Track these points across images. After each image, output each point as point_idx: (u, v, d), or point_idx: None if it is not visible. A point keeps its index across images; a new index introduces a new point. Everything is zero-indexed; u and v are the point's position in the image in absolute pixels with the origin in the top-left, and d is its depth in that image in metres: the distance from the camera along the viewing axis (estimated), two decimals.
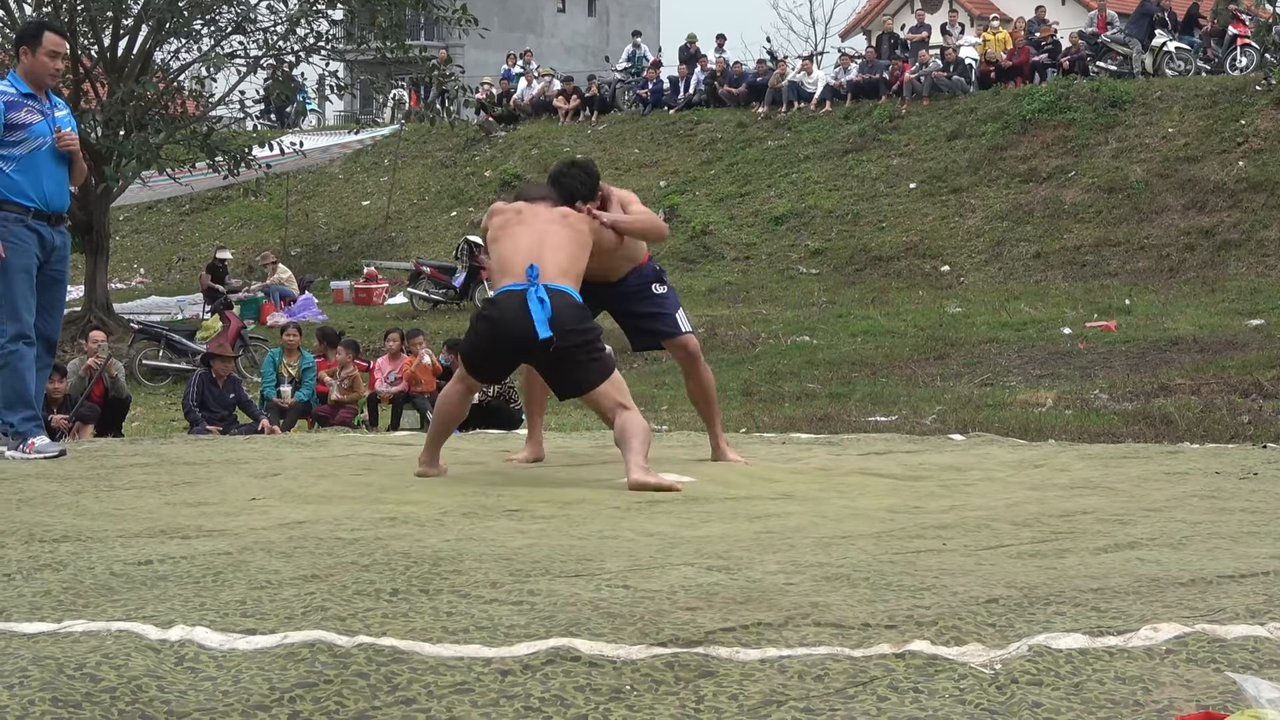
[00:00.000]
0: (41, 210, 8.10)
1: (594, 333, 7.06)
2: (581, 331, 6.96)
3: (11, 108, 8.04)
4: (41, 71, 8.25)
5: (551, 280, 6.96)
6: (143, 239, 37.27)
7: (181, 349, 20.23)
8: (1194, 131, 27.33)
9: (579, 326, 6.95)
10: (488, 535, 5.13)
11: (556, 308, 6.86)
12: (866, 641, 3.49)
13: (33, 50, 8.20)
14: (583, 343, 6.97)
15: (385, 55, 25.76)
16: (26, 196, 8.03)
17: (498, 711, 3.08)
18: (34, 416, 8.13)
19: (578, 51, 55.02)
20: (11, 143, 8.02)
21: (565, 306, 6.91)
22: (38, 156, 8.12)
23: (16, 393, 8.02)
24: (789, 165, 30.92)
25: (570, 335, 6.89)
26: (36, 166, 8.11)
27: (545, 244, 7.14)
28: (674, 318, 7.96)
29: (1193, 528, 5.35)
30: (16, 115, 8.05)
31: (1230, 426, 13.20)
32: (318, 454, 8.20)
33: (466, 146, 36.15)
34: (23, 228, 7.99)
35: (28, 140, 8.08)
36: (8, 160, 8.00)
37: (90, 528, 5.18)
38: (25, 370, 8.09)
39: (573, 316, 6.92)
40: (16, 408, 8.01)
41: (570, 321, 6.90)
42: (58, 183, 8.24)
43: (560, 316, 6.86)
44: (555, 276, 6.99)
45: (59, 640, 3.50)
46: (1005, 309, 22.40)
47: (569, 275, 7.07)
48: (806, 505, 6.19)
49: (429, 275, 26.78)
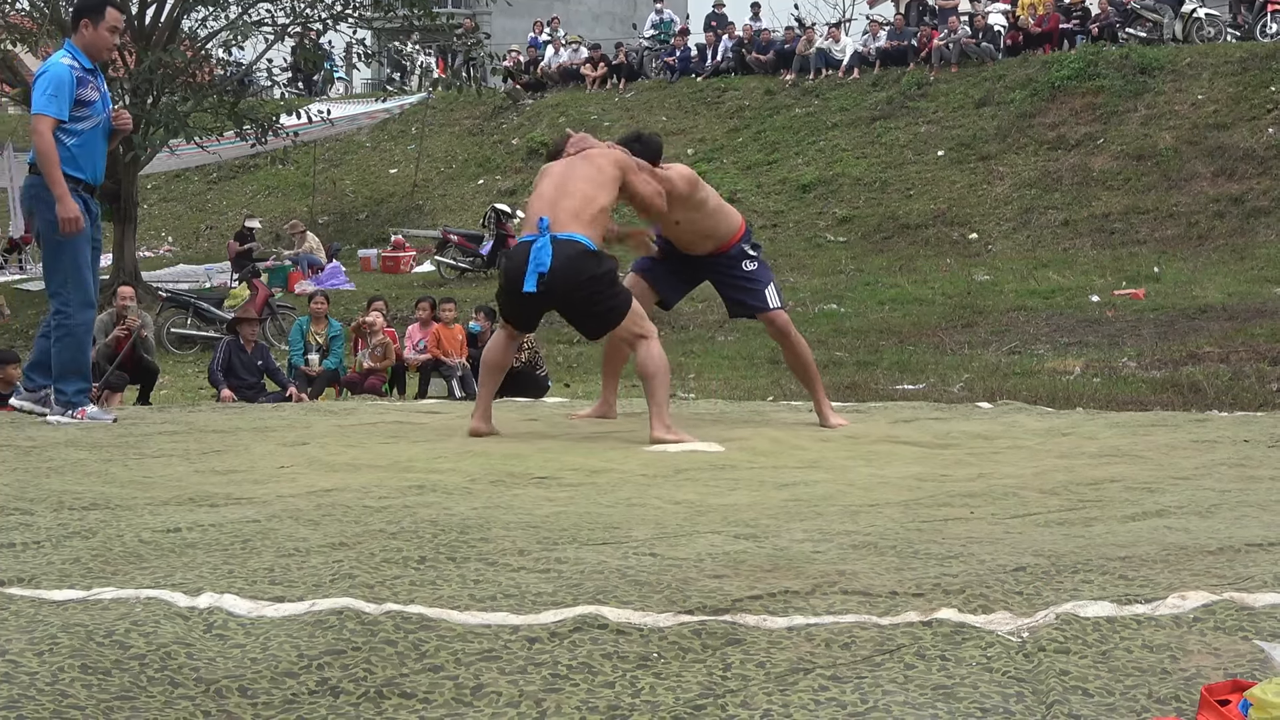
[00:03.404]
0: (89, 184, 8.23)
1: (602, 280, 7.19)
2: (583, 283, 7.11)
3: (80, 84, 8.14)
4: (101, 45, 8.33)
5: (564, 229, 7.14)
6: (170, 207, 37.31)
7: (210, 317, 20.24)
8: (1223, 98, 27.17)
9: (580, 278, 7.09)
10: (515, 503, 5.14)
11: (559, 259, 7.04)
12: (894, 609, 3.49)
13: (95, 23, 8.26)
14: (587, 294, 7.17)
15: (412, 23, 25.70)
16: (80, 170, 8.18)
17: (525, 679, 3.09)
18: (86, 389, 8.32)
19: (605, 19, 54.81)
20: (76, 118, 8.15)
21: (569, 258, 7.07)
22: (95, 133, 8.28)
23: (76, 364, 8.18)
24: (817, 133, 30.82)
25: (572, 287, 7.09)
26: (92, 142, 8.27)
27: (563, 190, 7.34)
28: (763, 293, 8.17)
29: (1221, 496, 5.34)
30: (83, 92, 8.18)
31: (1259, 394, 13.14)
32: (345, 422, 8.22)
33: (494, 114, 36.10)
34: (76, 196, 8.10)
35: (90, 117, 8.23)
36: (69, 134, 8.12)
37: (119, 495, 5.20)
38: (86, 342, 8.32)
39: (574, 268, 7.07)
40: (72, 379, 8.17)
41: (570, 273, 7.06)
42: (103, 158, 8.48)
43: (561, 267, 7.04)
44: (567, 224, 7.16)
45: (88, 608, 3.51)
46: (1033, 277, 22.32)
47: (582, 218, 7.20)
48: (834, 473, 6.19)
49: (456, 243, 26.73)
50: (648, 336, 7.31)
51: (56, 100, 8.05)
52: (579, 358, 16.46)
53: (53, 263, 8.21)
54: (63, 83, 8.08)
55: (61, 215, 7.97)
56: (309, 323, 15.75)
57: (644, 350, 7.27)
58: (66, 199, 7.96)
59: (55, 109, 8.05)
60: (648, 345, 7.27)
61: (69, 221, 7.96)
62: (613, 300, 7.26)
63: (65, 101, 8.06)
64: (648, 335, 7.32)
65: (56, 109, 8.05)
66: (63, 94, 8.06)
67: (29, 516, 4.70)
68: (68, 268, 8.12)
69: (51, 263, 8.22)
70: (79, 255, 8.13)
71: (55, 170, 7.98)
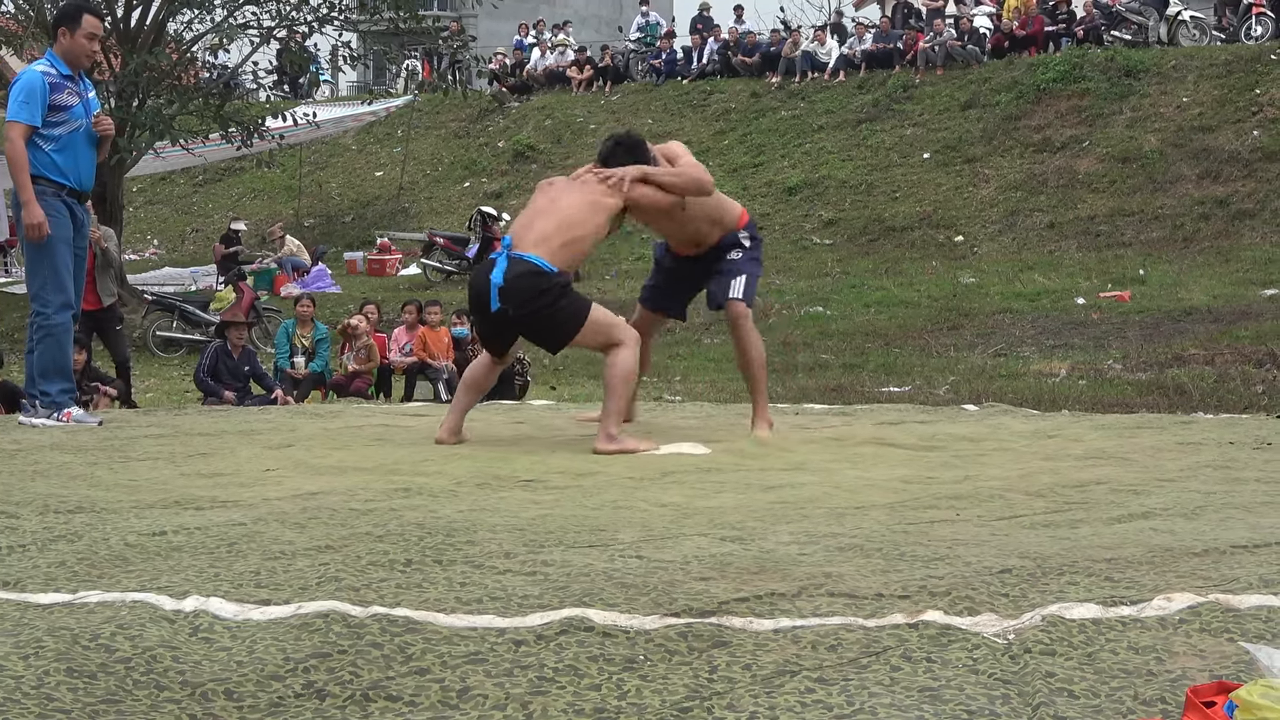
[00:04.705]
0: (74, 189, 8.26)
1: (548, 295, 7.12)
2: (533, 297, 7.07)
3: (55, 89, 8.19)
4: (79, 53, 8.37)
5: (524, 249, 7.11)
6: (156, 210, 37.27)
7: (195, 320, 20.21)
8: (1208, 101, 27.23)
9: (528, 294, 7.05)
10: (501, 506, 5.14)
11: (509, 277, 7.04)
12: (880, 612, 3.49)
13: (71, 31, 8.32)
14: (538, 307, 7.11)
15: (398, 26, 25.72)
16: (63, 175, 8.26)
17: (511, 682, 3.09)
18: (70, 389, 8.36)
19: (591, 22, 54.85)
20: (52, 124, 8.22)
21: (517, 275, 7.06)
22: (75, 138, 8.33)
23: (56, 364, 8.22)
24: (803, 135, 30.86)
25: (522, 302, 7.06)
26: (73, 147, 8.32)
27: (541, 212, 7.31)
28: (728, 282, 7.72)
29: (1206, 498, 5.35)
30: (59, 97, 8.23)
31: (1244, 397, 13.16)
32: (331, 425, 8.21)
33: (480, 117, 36.10)
34: (59, 201, 8.14)
35: (68, 122, 8.27)
36: (47, 140, 8.19)
37: (105, 499, 5.20)
38: (66, 342, 8.34)
39: (522, 285, 7.04)
40: (54, 379, 8.22)
41: (518, 290, 7.04)
42: (89, 164, 8.48)
43: (510, 286, 7.03)
44: (529, 245, 7.13)
45: (74, 611, 3.51)
46: (1019, 279, 22.35)
47: (550, 243, 7.15)
48: (820, 476, 6.19)
49: (442, 246, 26.72)
50: (620, 343, 7.23)
51: (28, 107, 8.11)
52: (564, 360, 16.44)
53: (34, 265, 8.27)
54: (34, 89, 8.13)
55: (26, 221, 8.04)
56: (295, 326, 15.73)
57: (612, 356, 7.22)
58: (32, 204, 8.01)
59: (27, 115, 8.10)
60: (616, 352, 7.21)
61: (33, 228, 8.03)
62: (560, 315, 7.17)
63: (37, 108, 8.11)
64: (620, 342, 7.23)
65: (28, 115, 8.10)
66: (34, 100, 8.11)
67: (14, 520, 4.69)
68: (47, 271, 8.18)
69: (33, 265, 8.28)
70: (57, 258, 8.17)
71: (23, 176, 8.05)
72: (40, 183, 8.13)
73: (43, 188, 8.13)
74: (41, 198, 8.09)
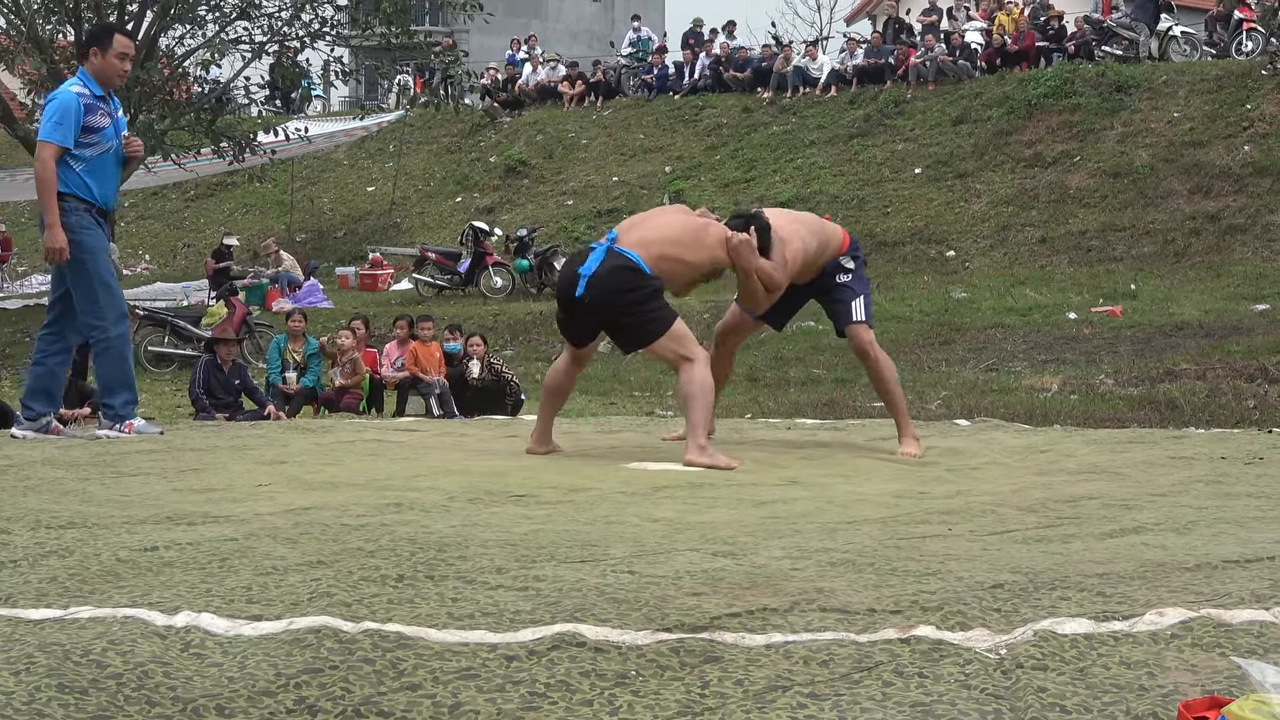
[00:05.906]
0: (101, 209, 8.31)
1: (638, 294, 7.19)
2: (619, 292, 7.14)
3: (89, 110, 8.23)
4: (111, 72, 8.40)
5: (625, 245, 7.20)
6: (148, 225, 37.25)
7: (187, 335, 20.21)
8: (1199, 116, 27.28)
9: (616, 287, 7.13)
10: (493, 521, 5.14)
11: (603, 267, 7.12)
12: (872, 627, 3.49)
13: (103, 51, 8.37)
14: (622, 305, 7.18)
15: (390, 41, 25.77)
16: (91, 194, 8.28)
17: (503, 697, 3.08)
18: (134, 400, 8.46)
19: (583, 37, 54.95)
20: (84, 144, 8.24)
21: (612, 268, 7.14)
22: (105, 159, 8.40)
23: (120, 375, 8.33)
24: (794, 150, 30.89)
25: (605, 295, 7.13)
26: (103, 169, 8.37)
27: (651, 222, 7.48)
28: (849, 307, 8.05)
29: (1198, 513, 5.35)
30: (92, 119, 8.29)
31: (1236, 411, 13.17)
32: (323, 440, 8.21)
33: (471, 132, 36.13)
34: (89, 216, 8.21)
35: (99, 144, 8.33)
36: (78, 160, 8.24)
37: (96, 514, 5.19)
38: (127, 354, 8.43)
39: (614, 279, 7.13)
40: (119, 391, 8.34)
41: (608, 281, 7.11)
42: (115, 184, 8.60)
43: (601, 275, 7.11)
44: (630, 244, 7.22)
45: (65, 626, 3.50)
46: (1010, 294, 22.36)
47: (647, 245, 7.24)
48: (812, 490, 6.20)
49: (434, 261, 26.71)
50: (692, 359, 7.28)
51: (61, 128, 8.15)
52: None
53: (79, 282, 8.25)
54: (69, 110, 8.17)
55: (48, 244, 8.07)
56: (287, 341, 15.73)
57: (686, 372, 7.28)
58: (56, 228, 8.05)
59: (60, 136, 8.14)
60: (690, 368, 7.27)
61: (53, 252, 8.06)
62: (647, 316, 7.24)
63: (70, 129, 8.14)
64: (693, 358, 7.29)
65: (61, 136, 8.14)
66: (68, 121, 8.15)
67: (5, 535, 4.68)
68: (96, 285, 8.25)
69: (79, 282, 8.25)
70: (102, 270, 8.28)
71: (50, 198, 8.09)
72: (70, 200, 8.17)
73: (74, 204, 8.17)
74: (75, 213, 8.16)
